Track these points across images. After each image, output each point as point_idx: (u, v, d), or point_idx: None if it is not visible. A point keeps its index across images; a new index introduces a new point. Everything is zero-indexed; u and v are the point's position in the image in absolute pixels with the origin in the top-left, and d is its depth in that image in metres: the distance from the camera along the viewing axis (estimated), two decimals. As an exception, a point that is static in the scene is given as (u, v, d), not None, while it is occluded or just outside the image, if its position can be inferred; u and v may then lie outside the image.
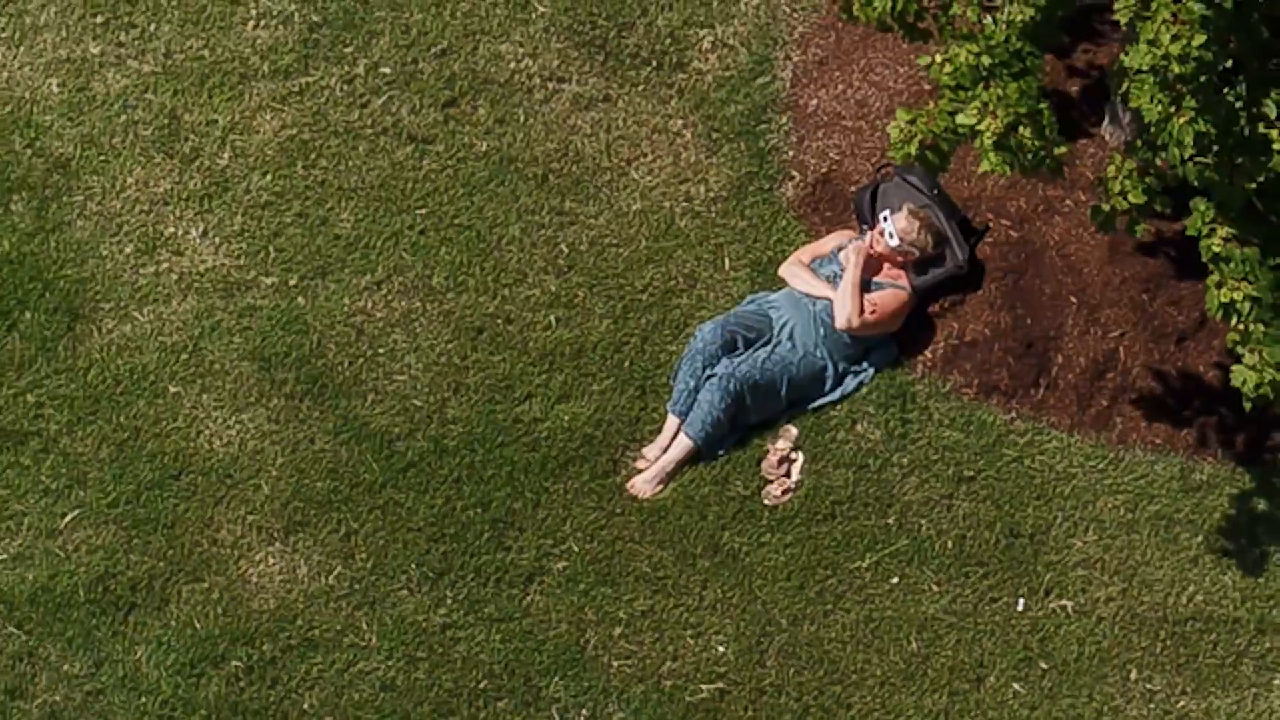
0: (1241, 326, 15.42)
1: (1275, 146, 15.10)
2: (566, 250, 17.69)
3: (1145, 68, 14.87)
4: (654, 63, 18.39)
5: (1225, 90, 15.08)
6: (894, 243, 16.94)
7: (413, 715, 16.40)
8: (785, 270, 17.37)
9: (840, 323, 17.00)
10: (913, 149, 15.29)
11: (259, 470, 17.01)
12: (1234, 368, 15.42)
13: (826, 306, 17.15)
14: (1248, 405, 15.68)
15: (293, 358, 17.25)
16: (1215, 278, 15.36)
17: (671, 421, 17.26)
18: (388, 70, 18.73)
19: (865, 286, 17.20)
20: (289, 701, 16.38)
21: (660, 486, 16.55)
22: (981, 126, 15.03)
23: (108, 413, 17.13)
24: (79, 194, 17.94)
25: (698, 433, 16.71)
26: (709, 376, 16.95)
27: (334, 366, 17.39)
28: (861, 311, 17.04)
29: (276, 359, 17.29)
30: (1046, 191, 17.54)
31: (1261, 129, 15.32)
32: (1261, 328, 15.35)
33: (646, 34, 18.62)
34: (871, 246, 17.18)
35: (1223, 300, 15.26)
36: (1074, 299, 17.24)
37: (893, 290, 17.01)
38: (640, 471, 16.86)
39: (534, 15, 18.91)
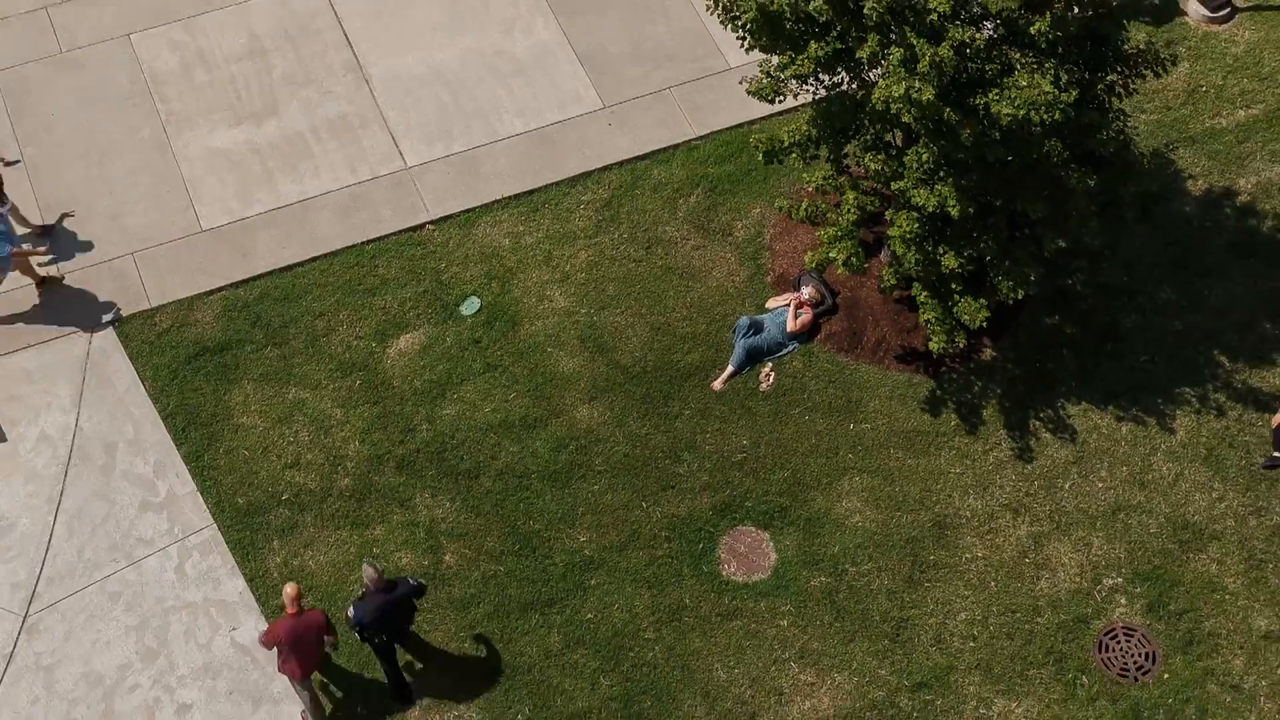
0: (933, 330, 16.52)
1: (942, 264, 16.22)
2: (689, 300, 18.40)
3: (897, 236, 16.25)
4: (720, 233, 18.86)
5: (924, 243, 16.31)
6: (805, 296, 17.87)
7: (630, 467, 17.27)
8: (769, 305, 18.15)
9: (791, 330, 17.81)
10: (812, 265, 16.88)
11: (580, 379, 17.84)
12: (930, 342, 16.59)
13: (785, 321, 17.88)
14: (935, 354, 17.13)
15: (592, 339, 18.07)
16: (922, 311, 16.69)
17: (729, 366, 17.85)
18: (625, 239, 19.05)
19: (796, 314, 17.80)
20: (589, 460, 17.34)
21: (723, 385, 17.67)
22: (838, 257, 16.50)
23: (525, 360, 17.99)
24: (514, 281, 18.54)
25: (735, 362, 17.72)
26: (739, 342, 17.83)
27: (608, 342, 18.03)
28: (798, 327, 17.77)
29: (587, 339, 18.10)
30: (860, 279, 18.04)
31: (938, 257, 16.25)
32: (939, 328, 16.46)
33: (718, 222, 18.94)
34: (799, 298, 17.87)
35: (924, 318, 16.64)
36: (870, 316, 18.02)
37: (807, 314, 17.85)
38: (716, 379, 17.74)
39: (678, 218, 19.00)
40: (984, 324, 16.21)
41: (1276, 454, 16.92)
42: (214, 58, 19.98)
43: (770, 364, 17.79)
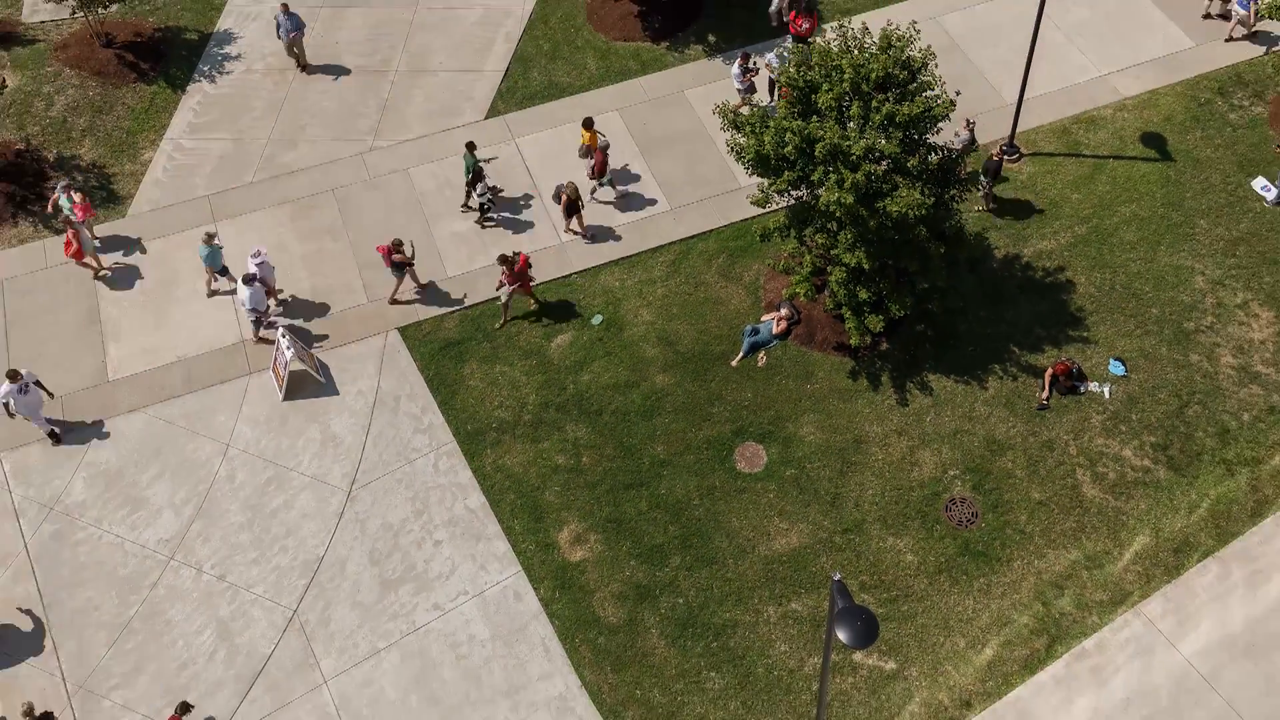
0: (852, 332, 17.45)
1: (859, 296, 17.26)
2: (719, 316, 18.92)
3: (834, 280, 17.24)
4: (736, 279, 19.36)
5: (848, 284, 17.36)
6: (783, 313, 18.48)
7: (685, 409, 17.91)
8: (763, 318, 18.69)
9: (775, 332, 18.21)
10: (787, 296, 18.20)
11: (658, 360, 18.13)
12: (850, 339, 17.47)
13: (772, 327, 18.28)
14: (854, 346, 17.94)
15: (664, 338, 18.70)
16: (847, 321, 17.62)
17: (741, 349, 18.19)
18: (683, 282, 19.41)
19: (778, 323, 18.31)
20: (662, 405, 18.16)
21: (737, 364, 18.42)
22: (801, 291, 17.75)
23: (628, 349, 18.65)
24: (621, 305, 19.07)
25: (744, 351, 18.29)
26: (746, 339, 18.41)
27: (673, 339, 17.93)
28: (779, 331, 18.09)
29: (661, 338, 18.83)
30: (813, 304, 18.68)
31: (856, 291, 17.27)
32: (856, 332, 17.45)
33: (734, 273, 19.34)
34: (780, 315, 18.45)
35: (848, 325, 17.55)
36: (819, 325, 18.81)
37: (784, 323, 18.45)
38: (733, 359, 18.43)
39: (712, 271, 19.11)
40: (881, 329, 17.75)
41: (1045, 399, 18.48)
42: (455, 182, 21.63)
43: (763, 351, 18.91)
